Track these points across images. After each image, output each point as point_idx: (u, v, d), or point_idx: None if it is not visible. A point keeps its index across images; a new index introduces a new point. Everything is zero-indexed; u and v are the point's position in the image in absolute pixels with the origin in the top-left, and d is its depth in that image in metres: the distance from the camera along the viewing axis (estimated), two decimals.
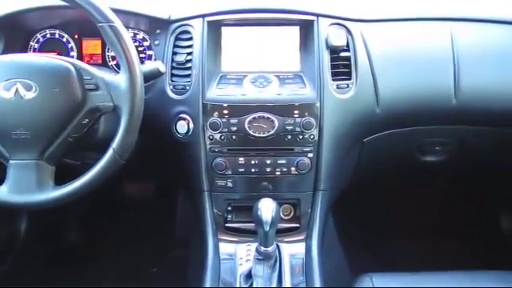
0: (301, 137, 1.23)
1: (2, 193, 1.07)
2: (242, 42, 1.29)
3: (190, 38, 1.28)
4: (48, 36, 1.38)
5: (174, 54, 1.29)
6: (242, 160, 1.25)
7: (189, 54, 1.27)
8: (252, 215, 1.12)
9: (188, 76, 1.26)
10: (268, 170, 1.26)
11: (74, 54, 1.38)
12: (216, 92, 1.24)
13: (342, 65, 1.27)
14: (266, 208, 1.10)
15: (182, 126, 1.25)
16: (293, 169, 1.26)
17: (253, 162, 1.26)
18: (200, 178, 1.28)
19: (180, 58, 1.27)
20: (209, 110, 1.23)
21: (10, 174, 1.07)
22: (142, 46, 1.36)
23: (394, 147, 1.43)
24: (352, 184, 1.51)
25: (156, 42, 1.33)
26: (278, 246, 1.19)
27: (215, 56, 1.28)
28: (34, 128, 1.06)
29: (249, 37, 1.29)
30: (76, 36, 1.38)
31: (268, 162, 1.26)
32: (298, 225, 1.31)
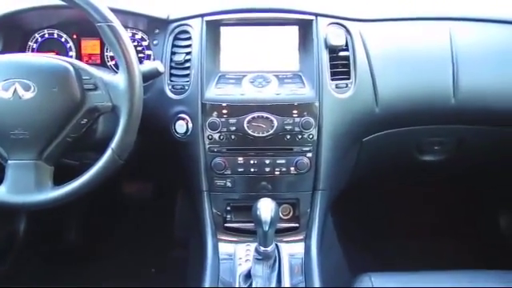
0: (300, 136, 1.23)
1: (1, 193, 1.07)
2: (241, 42, 1.29)
3: (189, 38, 1.28)
4: (46, 36, 1.38)
5: (173, 53, 1.28)
6: (241, 160, 1.25)
7: (187, 53, 1.27)
8: (251, 215, 1.12)
9: (187, 76, 1.26)
10: (267, 169, 1.26)
11: (72, 53, 1.38)
12: (215, 92, 1.24)
13: (340, 64, 1.27)
14: (266, 208, 1.09)
15: (180, 126, 1.25)
16: (292, 168, 1.26)
17: (252, 162, 1.25)
18: (199, 178, 1.28)
19: (179, 58, 1.27)
20: (208, 110, 1.23)
21: (8, 174, 1.07)
22: (141, 46, 1.36)
23: (392, 147, 1.43)
24: (351, 183, 1.51)
25: (155, 42, 1.33)
26: (277, 245, 1.19)
27: (214, 56, 1.28)
28: (33, 128, 1.05)
29: (247, 36, 1.29)
30: (75, 36, 1.38)
31: (267, 161, 1.25)
32: (297, 224, 1.31)
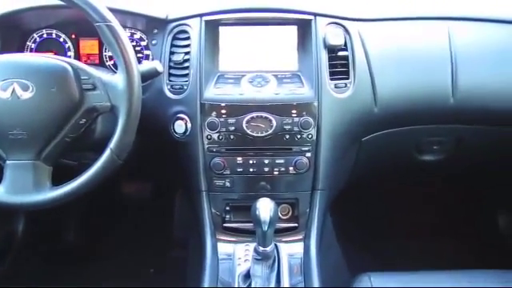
0: (299, 136, 1.23)
1: None
2: (240, 42, 1.29)
3: (188, 38, 1.28)
4: (45, 36, 1.37)
5: (172, 53, 1.28)
6: (240, 160, 1.25)
7: (186, 53, 1.27)
8: (250, 215, 1.12)
9: (186, 76, 1.26)
10: (266, 169, 1.26)
11: (71, 53, 1.38)
12: (214, 92, 1.24)
13: (339, 64, 1.27)
14: (265, 208, 1.09)
15: (179, 126, 1.25)
16: (291, 168, 1.26)
17: (251, 162, 1.25)
18: (198, 178, 1.28)
19: (177, 58, 1.27)
20: (206, 110, 1.23)
21: (6, 174, 1.07)
22: (140, 46, 1.35)
23: (391, 146, 1.43)
24: (350, 183, 1.51)
25: (153, 42, 1.33)
26: (276, 245, 1.19)
27: (213, 55, 1.28)
28: (31, 128, 1.05)
29: (246, 36, 1.29)
30: (73, 36, 1.38)
31: (266, 161, 1.25)
32: (296, 224, 1.31)
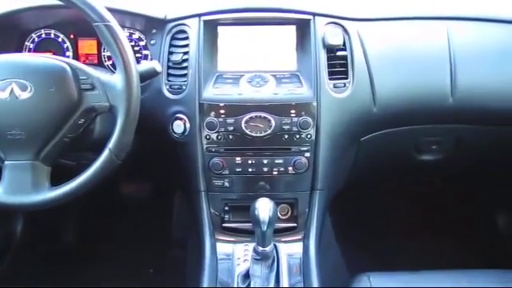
0: (298, 136, 1.23)
1: None
2: (239, 42, 1.29)
3: (186, 38, 1.28)
4: (43, 36, 1.37)
5: (170, 53, 1.28)
6: (238, 160, 1.25)
7: (185, 53, 1.27)
8: (249, 215, 1.12)
9: (184, 76, 1.26)
10: (265, 169, 1.26)
11: (69, 53, 1.38)
12: (212, 92, 1.23)
13: (338, 64, 1.26)
14: (264, 208, 1.09)
15: (178, 126, 1.25)
16: (290, 168, 1.26)
17: (250, 162, 1.25)
18: (197, 178, 1.28)
19: (176, 58, 1.27)
20: (205, 110, 1.22)
21: (5, 174, 1.07)
22: (138, 46, 1.35)
23: (390, 146, 1.43)
24: (349, 183, 1.51)
25: (152, 42, 1.33)
26: (275, 245, 1.19)
27: (211, 55, 1.28)
28: (30, 128, 1.05)
29: (245, 36, 1.29)
30: (72, 36, 1.38)
31: (265, 161, 1.25)
32: (295, 224, 1.31)
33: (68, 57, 1.36)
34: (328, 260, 1.47)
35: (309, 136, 1.24)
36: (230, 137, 1.23)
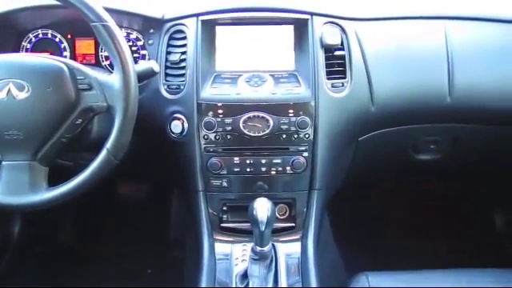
0: (296, 136, 1.23)
1: None
2: (237, 41, 1.29)
3: (184, 38, 1.27)
4: (40, 36, 1.37)
5: (168, 53, 1.28)
6: (237, 160, 1.25)
7: (183, 53, 1.26)
8: (247, 215, 1.12)
9: (182, 75, 1.26)
10: (263, 169, 1.26)
11: (67, 53, 1.37)
12: (210, 91, 1.23)
13: (336, 63, 1.26)
14: (262, 208, 1.09)
15: (176, 126, 1.25)
16: (288, 168, 1.26)
17: (248, 162, 1.25)
18: (195, 178, 1.28)
19: (174, 58, 1.26)
20: (203, 110, 1.22)
21: (2, 175, 1.06)
22: (136, 46, 1.35)
23: (388, 146, 1.43)
24: (347, 183, 1.51)
25: (150, 42, 1.33)
26: (273, 245, 1.19)
27: (209, 55, 1.27)
28: (27, 128, 1.05)
29: (243, 36, 1.29)
30: (69, 36, 1.37)
31: (263, 161, 1.25)
32: (293, 224, 1.31)
33: (65, 57, 1.36)
34: (326, 260, 1.47)
35: (307, 136, 1.24)
36: (228, 137, 1.23)
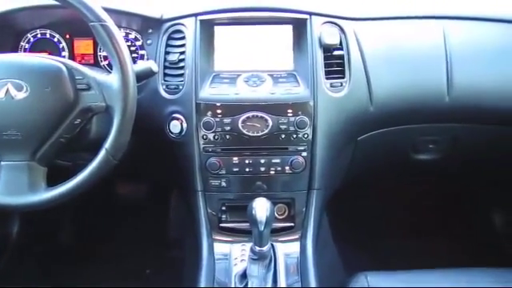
0: (295, 136, 1.23)
1: None
2: (235, 41, 1.29)
3: (183, 38, 1.27)
4: (39, 36, 1.37)
5: (167, 53, 1.28)
6: (235, 159, 1.25)
7: (181, 53, 1.26)
8: (246, 215, 1.12)
9: (181, 75, 1.26)
10: (262, 169, 1.26)
11: (65, 53, 1.37)
12: (209, 91, 1.23)
13: (335, 63, 1.27)
14: (261, 207, 1.09)
15: (175, 126, 1.24)
16: (287, 168, 1.26)
17: (247, 162, 1.25)
18: (194, 178, 1.28)
19: (173, 58, 1.26)
20: (202, 110, 1.22)
21: (1, 175, 1.06)
22: (135, 46, 1.35)
23: (387, 145, 1.43)
24: (346, 182, 1.51)
25: (148, 42, 1.33)
26: (272, 245, 1.19)
27: (208, 55, 1.27)
28: (26, 129, 1.05)
29: (242, 36, 1.29)
30: (67, 36, 1.37)
31: (262, 161, 1.25)
32: (292, 224, 1.31)
33: (64, 57, 1.36)
34: (325, 259, 1.47)
35: (306, 135, 1.24)
36: (227, 137, 1.23)
